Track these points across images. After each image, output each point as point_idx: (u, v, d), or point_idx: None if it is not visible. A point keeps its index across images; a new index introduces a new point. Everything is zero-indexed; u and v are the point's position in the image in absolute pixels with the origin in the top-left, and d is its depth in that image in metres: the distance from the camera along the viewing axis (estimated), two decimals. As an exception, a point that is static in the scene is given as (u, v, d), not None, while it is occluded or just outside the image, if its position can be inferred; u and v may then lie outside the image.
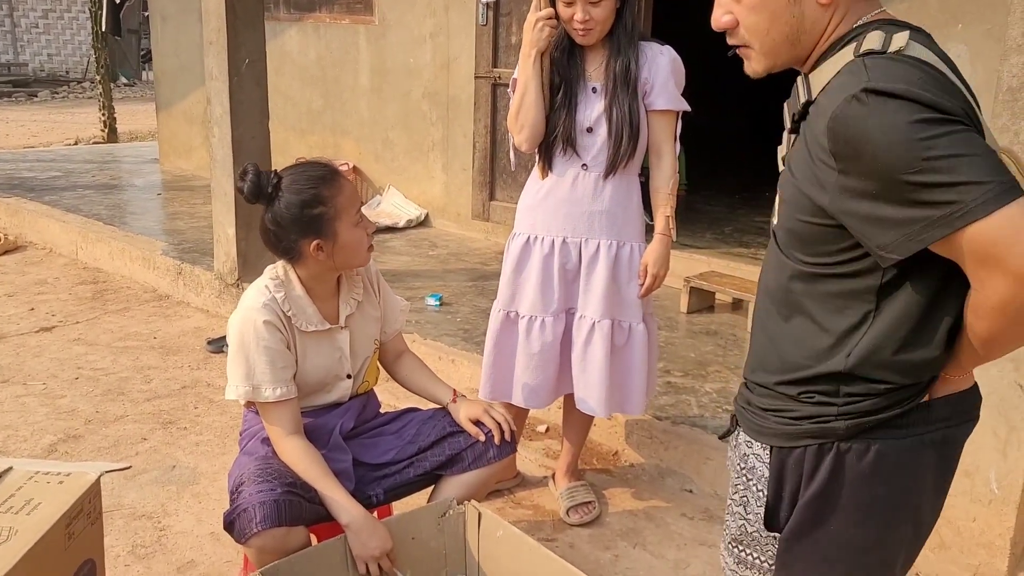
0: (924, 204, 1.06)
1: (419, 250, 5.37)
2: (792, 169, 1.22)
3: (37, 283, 5.10)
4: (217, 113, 4.32)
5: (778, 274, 1.30)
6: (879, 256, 1.13)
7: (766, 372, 1.33)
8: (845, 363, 1.22)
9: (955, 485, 2.33)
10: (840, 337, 1.22)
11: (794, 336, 1.28)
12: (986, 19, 3.42)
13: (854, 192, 1.11)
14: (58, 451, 3.15)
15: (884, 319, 1.19)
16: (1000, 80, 2.12)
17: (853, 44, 1.16)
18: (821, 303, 1.24)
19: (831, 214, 1.16)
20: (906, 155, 1.04)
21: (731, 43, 1.27)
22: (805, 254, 1.23)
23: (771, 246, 1.34)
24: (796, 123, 1.24)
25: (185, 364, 3.98)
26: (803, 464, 1.28)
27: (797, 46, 1.22)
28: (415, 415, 2.32)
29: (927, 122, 1.05)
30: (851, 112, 1.08)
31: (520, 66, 2.47)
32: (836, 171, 1.12)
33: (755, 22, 1.21)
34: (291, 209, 1.99)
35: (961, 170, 1.03)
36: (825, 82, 1.16)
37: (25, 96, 17.04)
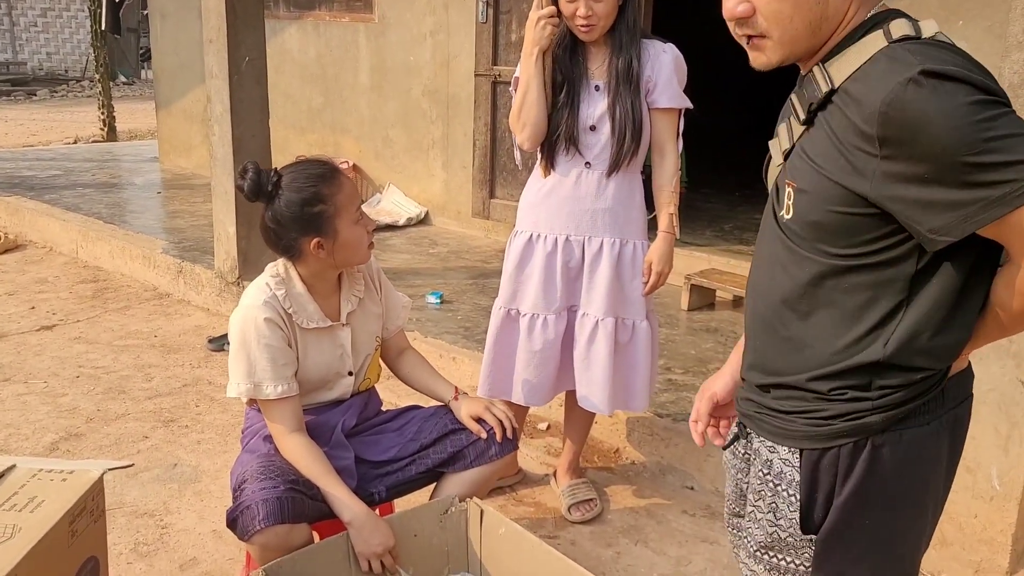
0: (981, 185, 1.06)
1: (419, 248, 5.37)
2: (814, 160, 1.18)
3: (37, 282, 5.10)
4: (217, 111, 4.31)
5: (794, 271, 1.25)
6: (928, 240, 1.12)
7: (787, 374, 1.29)
8: (883, 352, 1.20)
9: (957, 481, 2.33)
10: (872, 328, 1.20)
11: (820, 332, 1.25)
12: (986, 16, 3.42)
13: (902, 177, 1.09)
14: (60, 449, 3.15)
15: (920, 305, 1.18)
16: (1001, 77, 2.12)
17: (877, 32, 1.14)
18: (852, 295, 1.21)
19: (873, 201, 1.13)
20: (967, 136, 1.04)
21: (744, 33, 1.22)
22: (837, 246, 1.19)
23: (775, 243, 1.29)
24: (813, 114, 1.20)
25: (186, 362, 3.98)
26: (837, 464, 1.25)
27: (816, 35, 1.19)
28: (417, 412, 2.32)
29: (983, 103, 1.06)
30: (909, 96, 1.06)
31: (522, 64, 2.47)
32: (878, 157, 1.10)
33: (778, 9, 1.17)
34: (291, 207, 1.99)
35: (1018, 149, 1.05)
36: (851, 70, 1.14)
37: (24, 95, 17.03)
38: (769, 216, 1.33)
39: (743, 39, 1.24)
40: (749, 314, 1.39)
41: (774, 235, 1.29)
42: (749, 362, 1.39)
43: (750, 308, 1.38)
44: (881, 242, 1.17)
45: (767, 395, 1.33)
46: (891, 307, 1.19)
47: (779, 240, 1.28)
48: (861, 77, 1.13)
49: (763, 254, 1.34)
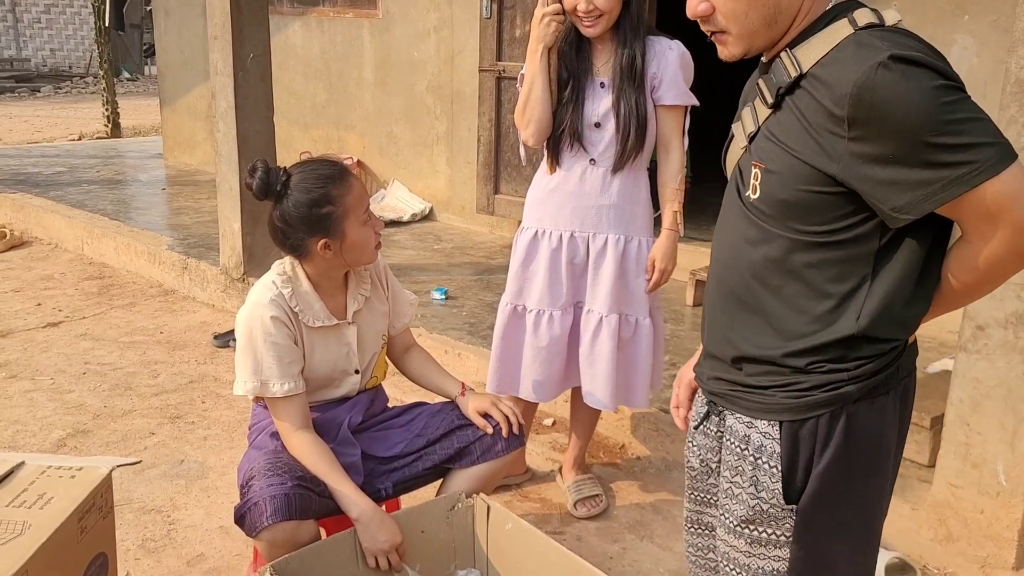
0: (942, 165, 1.13)
1: (424, 244, 5.37)
2: (783, 142, 1.24)
3: (43, 278, 5.11)
4: (222, 108, 4.32)
5: (763, 247, 1.31)
6: (891, 218, 1.19)
7: (761, 349, 1.34)
8: (856, 326, 1.26)
9: (962, 476, 2.35)
10: (841, 300, 1.27)
11: (791, 305, 1.30)
12: (993, 10, 3.40)
13: (869, 157, 1.16)
14: (67, 446, 3.16)
15: (885, 279, 1.25)
16: (1008, 72, 2.11)
17: (842, 20, 1.21)
18: (821, 270, 1.27)
19: (841, 181, 1.19)
20: (931, 118, 1.11)
21: (706, 30, 1.31)
22: (806, 223, 1.25)
23: (740, 221, 1.34)
24: (781, 97, 1.25)
25: (192, 359, 3.99)
26: (816, 433, 1.31)
27: (773, 27, 1.26)
28: (423, 408, 2.33)
29: (946, 88, 1.13)
30: (879, 79, 1.12)
31: (527, 61, 2.47)
32: (847, 139, 1.16)
33: (734, 8, 1.25)
34: (299, 208, 2.00)
35: (976, 132, 1.13)
36: (819, 56, 1.20)
37: (28, 91, 17.04)
38: (732, 196, 1.38)
39: (708, 35, 1.32)
40: (715, 290, 1.42)
41: (739, 213, 1.35)
42: (717, 337, 1.42)
43: (716, 284, 1.42)
44: (847, 219, 1.23)
45: (739, 372, 1.38)
46: (857, 281, 1.26)
47: (745, 218, 1.33)
48: (830, 62, 1.19)
49: (728, 232, 1.38)
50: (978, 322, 2.25)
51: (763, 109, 1.30)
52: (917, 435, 2.65)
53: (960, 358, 2.32)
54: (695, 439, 1.52)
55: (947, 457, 2.39)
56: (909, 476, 2.62)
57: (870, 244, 1.24)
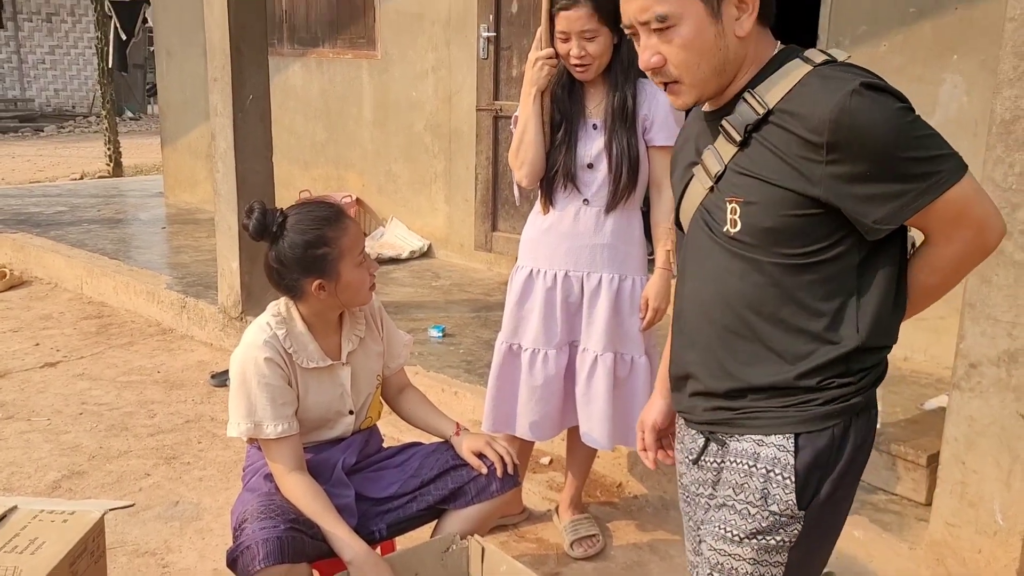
0: (913, 177, 1.26)
1: (422, 281, 5.39)
2: (758, 174, 1.32)
3: (42, 318, 5.13)
4: (221, 148, 4.36)
5: (753, 277, 1.37)
6: (872, 230, 1.29)
7: (771, 376, 1.39)
8: (858, 339, 1.34)
9: (959, 515, 2.33)
10: (835, 316, 1.35)
11: (790, 328, 1.37)
12: (981, 50, 3.45)
13: (849, 177, 1.26)
14: (62, 488, 3.15)
15: (870, 291, 1.35)
16: (993, 113, 2.14)
17: (795, 61, 1.33)
18: (811, 290, 1.35)
19: (824, 202, 1.28)
20: (902, 136, 1.24)
21: (658, 81, 1.38)
22: (792, 247, 1.33)
23: (719, 258, 1.40)
24: (748, 135, 1.33)
25: (189, 398, 3.99)
26: (832, 443, 1.38)
27: (722, 75, 1.35)
28: (418, 449, 2.32)
29: (907, 110, 1.27)
30: (855, 105, 1.22)
31: (521, 104, 2.50)
32: (824, 163, 1.26)
33: (685, 59, 1.33)
34: (295, 249, 2.01)
35: (936, 145, 1.27)
36: (783, 93, 1.30)
37: (31, 131, 17.19)
38: (702, 236, 1.43)
39: (661, 85, 1.39)
40: (705, 329, 1.46)
41: (717, 250, 1.41)
42: (712, 374, 1.45)
43: (706, 323, 1.45)
44: (829, 238, 1.32)
45: (743, 399, 1.42)
46: (846, 296, 1.35)
47: (726, 253, 1.39)
48: (796, 96, 1.29)
49: (707, 271, 1.43)
50: (971, 360, 2.26)
51: (728, 148, 1.37)
52: (914, 473, 2.64)
53: (954, 396, 2.32)
54: (689, 473, 1.56)
55: (943, 496, 2.38)
56: (906, 515, 2.61)
57: (851, 260, 1.34)
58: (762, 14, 1.36)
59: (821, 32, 3.86)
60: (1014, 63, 2.10)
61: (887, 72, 3.87)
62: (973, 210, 1.31)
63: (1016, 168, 2.11)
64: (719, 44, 1.32)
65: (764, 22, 1.37)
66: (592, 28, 2.35)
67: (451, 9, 5.55)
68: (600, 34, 2.38)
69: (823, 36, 3.85)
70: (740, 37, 1.33)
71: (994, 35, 3.29)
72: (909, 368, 3.72)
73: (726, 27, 1.32)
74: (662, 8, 1.30)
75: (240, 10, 4.20)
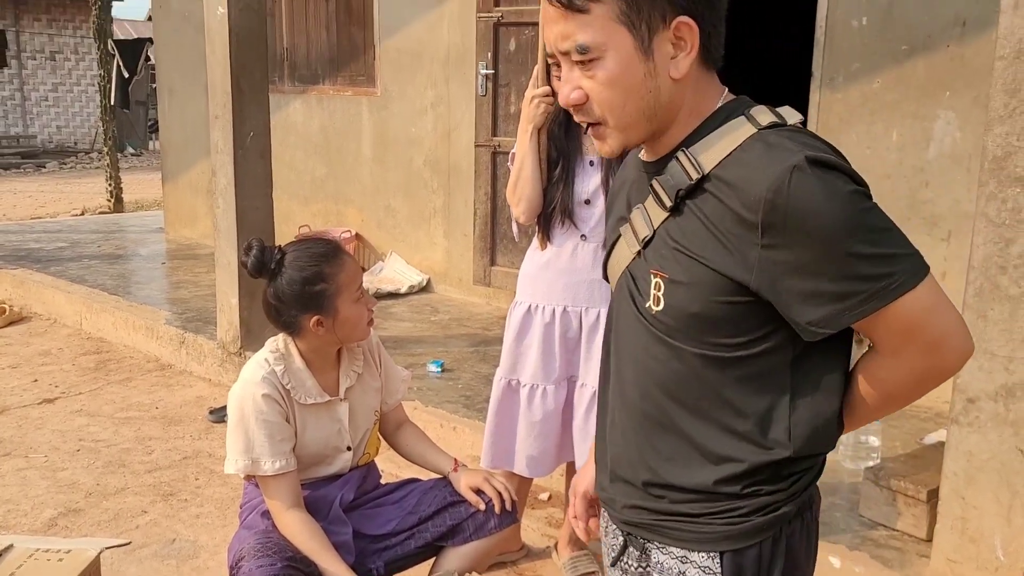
0: (859, 278, 1.06)
1: (421, 316, 5.40)
2: (688, 249, 1.13)
3: (41, 354, 5.12)
4: (222, 185, 4.39)
5: (674, 364, 1.19)
6: (807, 331, 1.10)
7: (691, 477, 1.20)
8: (789, 447, 1.16)
9: (960, 551, 2.32)
10: (765, 416, 1.16)
11: (715, 425, 1.18)
12: (973, 87, 3.50)
13: (785, 267, 1.07)
14: (58, 525, 3.13)
15: (806, 391, 1.16)
16: (985, 149, 2.17)
17: (740, 119, 1.13)
18: (740, 386, 1.16)
19: (754, 291, 1.09)
20: (849, 227, 1.04)
21: (581, 120, 1.19)
22: (718, 336, 1.14)
23: (640, 334, 1.22)
24: (680, 200, 1.14)
25: (187, 434, 3.97)
26: (760, 560, 1.20)
27: (653, 121, 1.16)
28: (416, 485, 2.32)
29: (860, 194, 1.07)
30: (795, 183, 1.03)
31: (518, 141, 2.53)
32: (760, 246, 1.06)
33: (609, 97, 1.14)
34: (293, 286, 2.03)
35: (891, 241, 1.07)
36: (721, 156, 1.11)
37: (33, 167, 17.30)
38: (626, 304, 1.24)
39: (584, 125, 1.21)
40: (622, 410, 1.28)
41: (640, 326, 1.22)
42: (629, 461, 1.27)
43: (623, 403, 1.27)
44: (761, 329, 1.13)
45: (661, 500, 1.24)
46: (779, 395, 1.16)
47: (647, 332, 1.20)
48: (735, 163, 1.09)
49: (630, 345, 1.25)
50: (968, 395, 2.26)
51: (658, 212, 1.17)
52: (914, 508, 2.63)
53: (952, 431, 2.32)
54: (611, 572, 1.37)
55: (944, 531, 2.37)
56: (908, 551, 2.59)
57: (784, 355, 1.15)
58: (704, 55, 1.15)
59: (815, 69, 3.91)
60: (1004, 100, 2.13)
61: (881, 108, 3.93)
62: (929, 325, 1.10)
63: (1008, 204, 2.13)
64: (648, 84, 1.12)
65: (707, 65, 1.17)
66: None
67: (450, 47, 5.62)
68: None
69: (817, 73, 3.90)
70: (675, 79, 1.13)
71: (985, 73, 3.33)
72: (908, 402, 3.71)
73: (659, 66, 1.12)
74: (584, 37, 1.11)
75: (241, 49, 4.26)
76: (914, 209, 3.70)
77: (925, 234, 3.68)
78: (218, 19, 4.23)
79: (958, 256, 3.51)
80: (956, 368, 1.15)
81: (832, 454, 3.08)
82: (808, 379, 1.16)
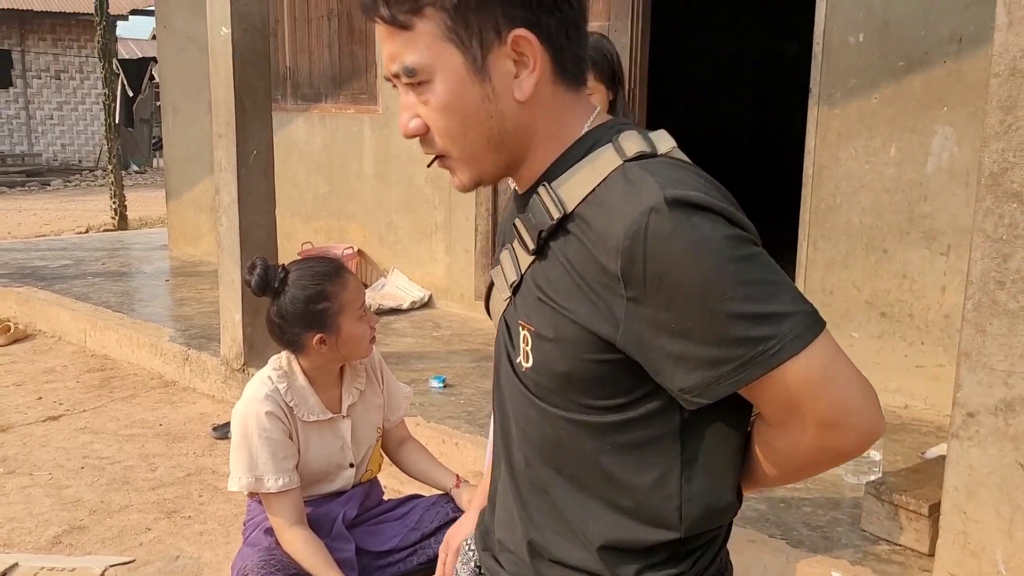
0: (735, 342, 0.89)
1: (423, 331, 5.41)
2: (553, 300, 0.97)
3: (45, 372, 5.14)
4: (225, 202, 4.43)
5: (545, 428, 1.03)
6: (681, 399, 0.95)
7: (574, 556, 1.04)
8: (680, 528, 1.01)
9: (962, 566, 2.32)
10: (653, 489, 1.00)
11: (597, 499, 1.02)
12: (970, 102, 3.52)
13: (651, 324, 0.91)
14: (63, 543, 3.14)
15: (701, 461, 1.00)
16: (982, 165, 2.19)
17: (607, 147, 0.97)
18: (621, 456, 1.00)
19: (620, 349, 0.94)
20: (719, 280, 0.88)
21: (427, 152, 1.04)
22: (592, 398, 0.99)
23: (516, 392, 1.06)
24: (544, 242, 0.98)
25: (190, 451, 3.99)
26: None
27: (502, 150, 1.01)
28: (418, 501, 2.33)
29: (736, 240, 0.90)
30: (652, 228, 0.88)
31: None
32: (625, 299, 0.91)
33: (447, 126, 0.99)
34: (296, 304, 2.05)
35: (775, 298, 0.90)
36: (585, 192, 0.95)
37: (38, 185, 17.40)
38: (503, 355, 1.09)
39: (431, 158, 1.06)
40: (504, 466, 1.12)
41: (515, 381, 1.06)
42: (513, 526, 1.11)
43: (507, 462, 1.11)
44: (640, 389, 0.97)
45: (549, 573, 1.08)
46: (667, 465, 1.00)
47: (519, 391, 1.05)
48: (597, 202, 0.94)
49: (510, 401, 1.09)
50: (968, 409, 2.27)
51: (524, 255, 1.02)
52: (916, 523, 2.63)
53: (952, 445, 2.32)
54: None
55: (946, 546, 2.37)
56: (910, 565, 2.59)
57: (670, 419, 0.99)
58: (559, 73, 1.00)
59: (813, 85, 3.94)
60: (1000, 117, 2.15)
61: (879, 124, 3.96)
62: (820, 399, 0.92)
63: (1006, 219, 2.14)
64: (488, 109, 0.97)
65: (565, 84, 1.01)
66: (588, 85, 2.41)
67: (451, 65, 5.67)
68: (595, 91, 2.43)
69: (815, 89, 3.93)
70: (521, 101, 0.98)
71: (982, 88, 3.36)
72: (909, 416, 3.72)
73: (498, 87, 0.97)
74: (411, 58, 0.97)
75: (245, 69, 4.30)
76: (913, 224, 3.72)
77: (924, 248, 3.69)
78: (222, 39, 4.28)
79: (957, 270, 3.52)
80: (857, 451, 0.97)
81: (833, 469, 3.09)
82: (700, 449, 0.99)
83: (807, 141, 4.00)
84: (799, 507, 2.97)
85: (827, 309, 3.97)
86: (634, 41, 4.45)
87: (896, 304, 3.81)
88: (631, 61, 4.41)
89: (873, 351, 3.82)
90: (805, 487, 3.10)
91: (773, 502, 3.01)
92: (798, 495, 3.05)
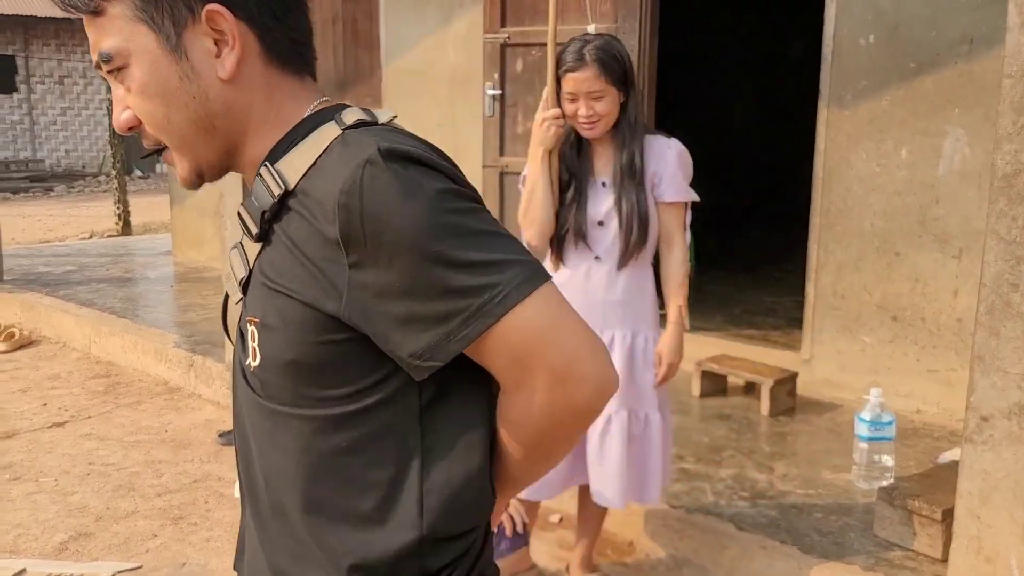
0: (459, 292, 0.87)
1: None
2: (276, 282, 0.92)
3: (50, 378, 5.13)
4: (230, 207, 4.41)
5: (282, 439, 0.97)
6: (412, 367, 0.90)
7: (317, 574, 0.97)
8: (419, 526, 0.93)
9: (976, 571, 2.30)
10: (389, 495, 0.94)
11: (337, 513, 0.95)
12: (982, 103, 3.50)
13: (375, 289, 0.88)
14: (69, 549, 3.12)
15: (442, 451, 0.94)
16: (995, 167, 2.17)
17: (329, 123, 0.95)
18: (356, 453, 0.94)
19: (347, 322, 0.89)
20: (437, 229, 0.86)
21: (146, 146, 1.01)
22: (323, 387, 0.93)
23: (252, 409, 1.00)
24: (268, 225, 0.94)
25: (196, 458, 3.97)
26: None
27: (213, 134, 0.98)
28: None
29: (453, 193, 0.90)
30: (367, 181, 0.86)
31: (529, 164, 2.54)
32: (347, 266, 0.88)
33: (149, 109, 0.96)
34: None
35: (496, 247, 0.89)
36: (306, 166, 0.92)
37: (42, 191, 17.43)
38: (238, 371, 1.02)
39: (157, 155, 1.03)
40: (250, 496, 1.04)
41: (248, 393, 1.00)
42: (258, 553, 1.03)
43: (250, 490, 1.04)
44: (374, 373, 0.93)
45: None
46: (406, 459, 0.94)
47: (251, 399, 0.99)
48: (316, 172, 0.91)
49: (245, 420, 1.03)
50: (982, 413, 2.25)
51: (252, 245, 0.97)
52: (929, 528, 2.61)
53: (966, 450, 2.30)
54: None
55: (960, 551, 2.35)
56: (923, 571, 2.57)
57: (408, 406, 0.93)
58: (272, 54, 0.98)
59: (823, 87, 3.92)
60: (1013, 118, 2.13)
61: (890, 126, 3.95)
62: (549, 346, 0.89)
63: (1019, 221, 2.12)
64: (189, 89, 0.95)
65: (281, 66, 1.00)
66: (599, 88, 2.40)
67: (455, 68, 5.66)
68: (607, 94, 2.42)
69: (824, 91, 3.92)
70: (224, 80, 0.95)
71: (994, 89, 3.34)
72: (922, 421, 3.69)
73: (197, 66, 0.94)
74: (106, 43, 0.94)
75: (250, 73, 4.30)
76: (925, 227, 3.70)
77: (937, 251, 3.67)
78: (227, 44, 4.27)
79: (970, 273, 3.50)
80: (592, 404, 0.92)
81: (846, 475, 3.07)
82: (442, 436, 0.94)
83: (817, 143, 3.98)
84: (810, 513, 2.95)
85: (838, 313, 3.96)
86: (642, 43, 4.44)
87: (908, 308, 3.78)
88: (639, 63, 4.39)
89: (885, 355, 3.80)
90: (817, 492, 3.08)
91: (784, 508, 2.98)
92: (809, 500, 3.03)
